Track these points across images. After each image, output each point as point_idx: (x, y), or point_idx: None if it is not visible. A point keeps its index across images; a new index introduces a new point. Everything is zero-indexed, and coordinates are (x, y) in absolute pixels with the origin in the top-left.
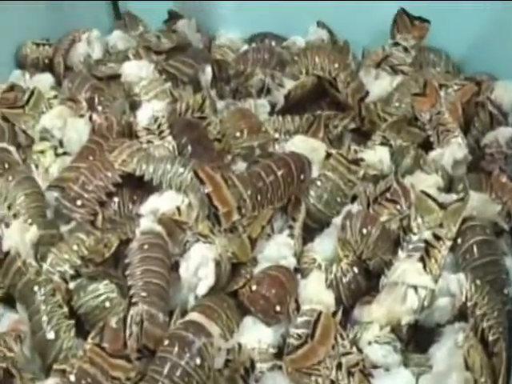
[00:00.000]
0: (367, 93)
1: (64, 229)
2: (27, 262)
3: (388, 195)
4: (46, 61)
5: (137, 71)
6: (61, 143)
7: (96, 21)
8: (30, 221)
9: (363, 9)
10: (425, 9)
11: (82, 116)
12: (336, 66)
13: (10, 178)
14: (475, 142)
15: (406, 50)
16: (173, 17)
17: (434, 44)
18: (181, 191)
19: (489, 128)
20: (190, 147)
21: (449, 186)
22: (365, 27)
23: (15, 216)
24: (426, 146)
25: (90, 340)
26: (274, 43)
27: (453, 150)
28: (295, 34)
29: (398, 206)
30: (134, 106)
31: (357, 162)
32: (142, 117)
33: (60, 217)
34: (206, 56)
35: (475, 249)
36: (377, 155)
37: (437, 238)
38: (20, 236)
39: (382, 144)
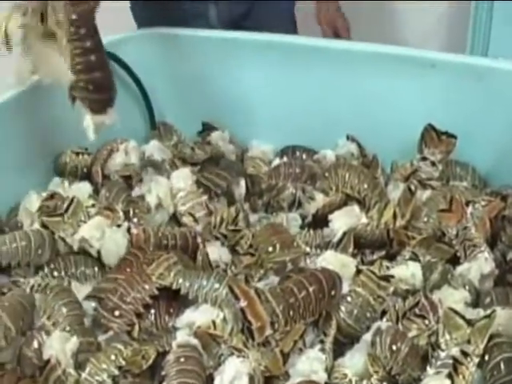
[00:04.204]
0: (395, 216)
1: (101, 338)
2: (67, 372)
3: (417, 310)
4: (85, 169)
5: (175, 182)
6: (99, 254)
7: (132, 130)
8: (68, 328)
9: (392, 123)
10: (452, 124)
11: (118, 226)
12: (365, 186)
13: (48, 291)
14: (502, 256)
15: (433, 164)
16: (207, 128)
17: (461, 157)
18: (216, 305)
19: None
20: None
21: (476, 300)
22: (394, 141)
23: (54, 325)
24: (454, 260)
25: None
26: (304, 156)
27: (480, 265)
28: (325, 146)
29: (427, 321)
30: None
31: (387, 278)
32: None
33: (98, 326)
34: (239, 169)
35: (502, 366)
36: (409, 270)
37: (465, 354)
38: (61, 345)
39: (411, 259)
